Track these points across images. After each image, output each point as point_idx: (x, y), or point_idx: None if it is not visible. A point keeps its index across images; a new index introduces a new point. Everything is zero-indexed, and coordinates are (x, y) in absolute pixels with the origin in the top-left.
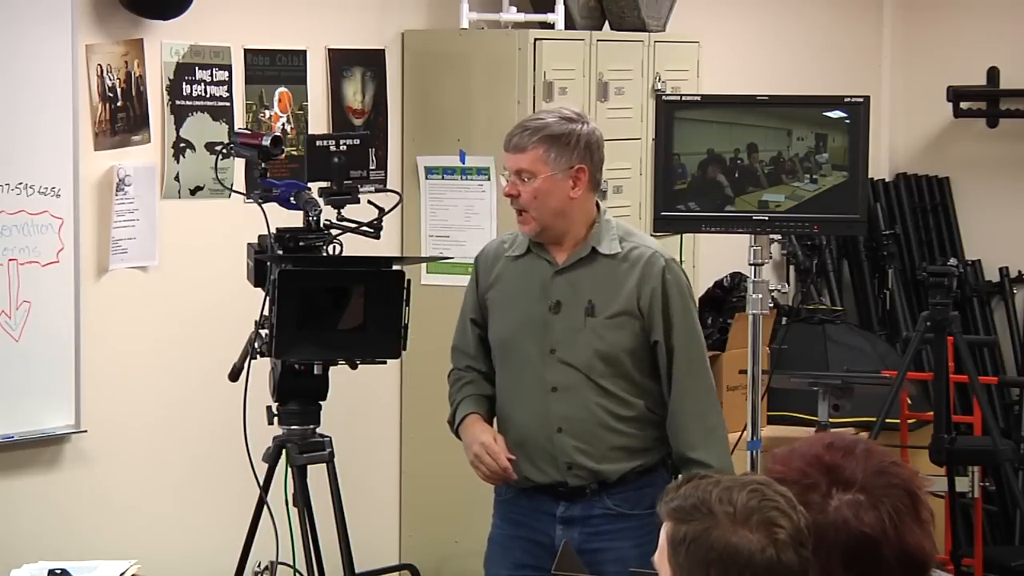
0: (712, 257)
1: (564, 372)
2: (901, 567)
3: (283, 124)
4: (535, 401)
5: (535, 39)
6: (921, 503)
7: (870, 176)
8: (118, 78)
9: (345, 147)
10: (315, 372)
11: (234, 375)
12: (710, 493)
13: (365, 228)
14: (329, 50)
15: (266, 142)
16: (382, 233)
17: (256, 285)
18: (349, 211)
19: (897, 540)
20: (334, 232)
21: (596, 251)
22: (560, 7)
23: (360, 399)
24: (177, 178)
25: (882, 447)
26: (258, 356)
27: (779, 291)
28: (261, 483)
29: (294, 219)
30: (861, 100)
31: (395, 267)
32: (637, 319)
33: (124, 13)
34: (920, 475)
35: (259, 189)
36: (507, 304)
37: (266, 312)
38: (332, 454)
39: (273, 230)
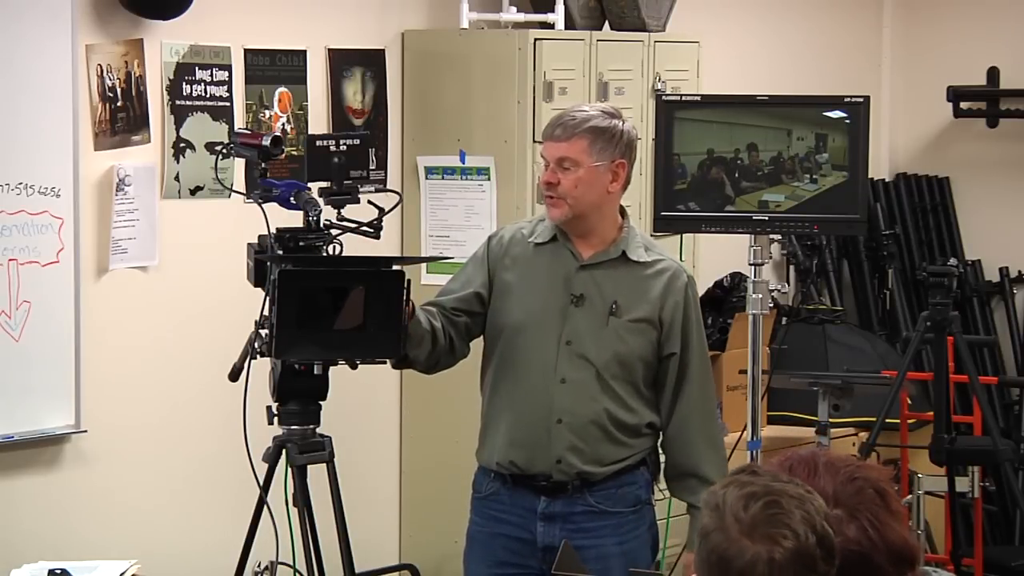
0: (712, 257)
1: (577, 365)
2: (892, 566)
3: (283, 124)
4: (540, 390)
5: (535, 39)
6: (891, 496)
7: (870, 176)
8: (118, 78)
9: (345, 147)
10: (315, 372)
11: (234, 375)
12: (731, 495)
13: (365, 228)
14: (329, 50)
15: (266, 142)
16: (382, 233)
17: (256, 285)
18: (349, 211)
19: (883, 543)
20: (334, 232)
21: (625, 255)
22: (560, 7)
23: (360, 399)
24: (177, 178)
25: (841, 454)
26: (258, 356)
27: (779, 291)
28: (261, 483)
29: (294, 219)
30: (861, 100)
31: (395, 267)
32: (656, 329)
33: (124, 13)
34: (885, 468)
35: (259, 189)
36: (525, 289)
37: (266, 312)
38: (332, 454)
39: (273, 230)
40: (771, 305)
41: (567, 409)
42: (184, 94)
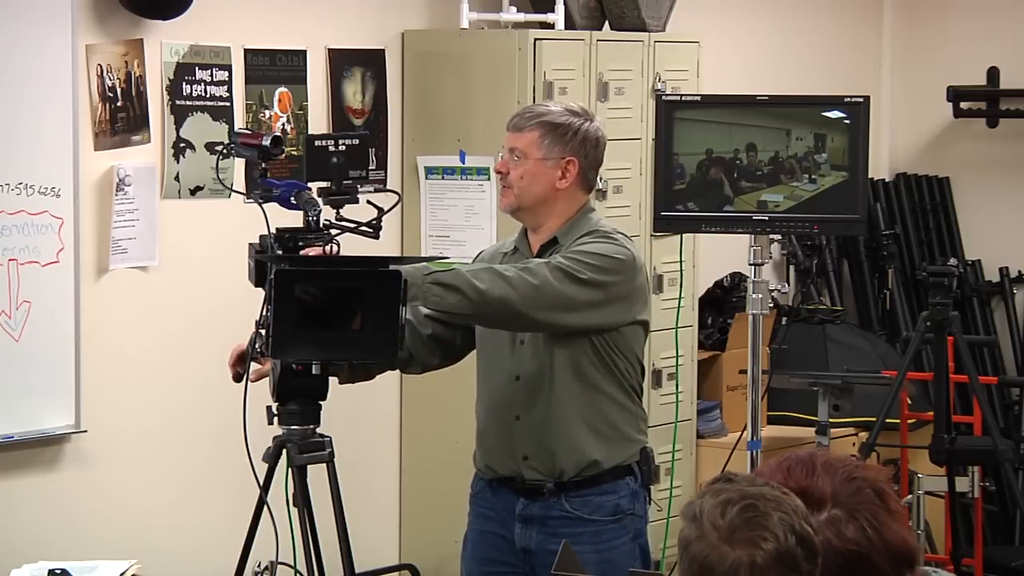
0: (712, 257)
1: (528, 361)
2: (892, 566)
3: (283, 124)
4: (499, 389)
5: (535, 39)
6: (889, 497)
7: (870, 176)
8: (118, 78)
9: (344, 147)
10: (313, 372)
11: (237, 376)
12: (707, 503)
13: (364, 228)
14: (329, 50)
15: (266, 142)
16: (382, 233)
17: (257, 285)
18: (350, 211)
19: (882, 544)
20: (333, 232)
21: (556, 240)
22: (560, 7)
23: (360, 399)
24: (177, 178)
25: (839, 454)
26: (258, 356)
27: (779, 291)
28: (261, 483)
29: (296, 219)
30: (861, 100)
31: (392, 267)
32: None
33: (124, 13)
34: (883, 468)
35: (259, 189)
36: None
37: (265, 312)
38: (332, 454)
39: (273, 230)
40: (771, 305)
41: (523, 405)
42: (184, 94)
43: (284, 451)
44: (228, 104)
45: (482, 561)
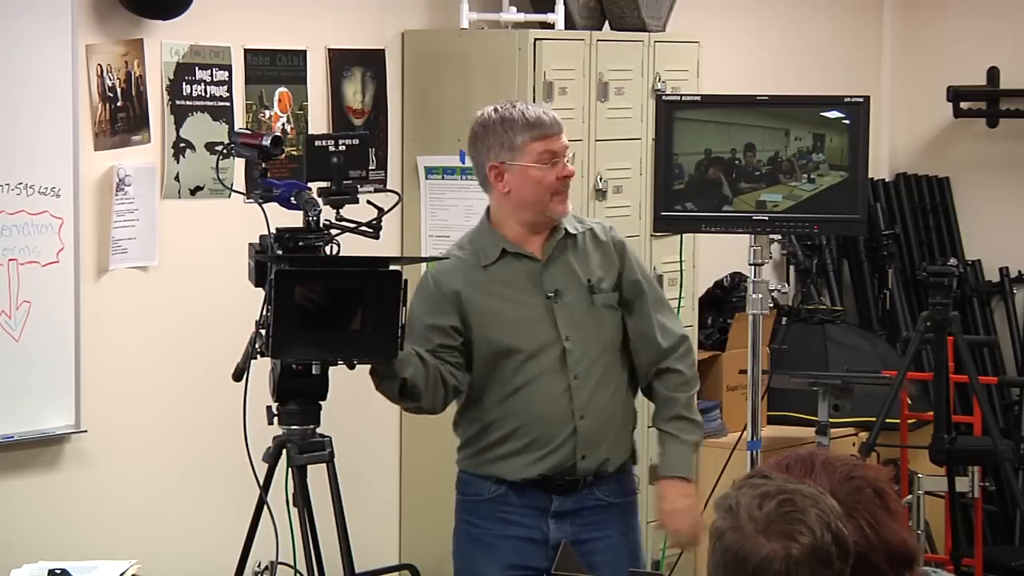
0: (712, 257)
1: (581, 358)
2: (891, 566)
3: (283, 124)
4: (554, 393)
5: (535, 39)
6: (889, 496)
7: (870, 176)
8: (118, 78)
9: (344, 147)
10: (313, 372)
11: (238, 375)
12: (744, 496)
13: (364, 228)
14: (329, 50)
15: (266, 142)
16: (382, 233)
17: (257, 285)
18: (351, 211)
19: (881, 543)
20: (333, 232)
21: (568, 233)
22: (560, 7)
23: (360, 399)
24: (177, 178)
25: (837, 453)
26: (258, 356)
27: (779, 291)
28: (261, 483)
29: (296, 219)
30: (861, 100)
31: (392, 267)
32: (618, 290)
33: (124, 13)
34: (883, 467)
35: (259, 189)
36: (499, 308)
37: (266, 312)
38: (332, 454)
39: (273, 230)
40: (771, 305)
41: (584, 403)
42: (184, 94)
43: (284, 451)
44: (228, 104)
45: (503, 566)
